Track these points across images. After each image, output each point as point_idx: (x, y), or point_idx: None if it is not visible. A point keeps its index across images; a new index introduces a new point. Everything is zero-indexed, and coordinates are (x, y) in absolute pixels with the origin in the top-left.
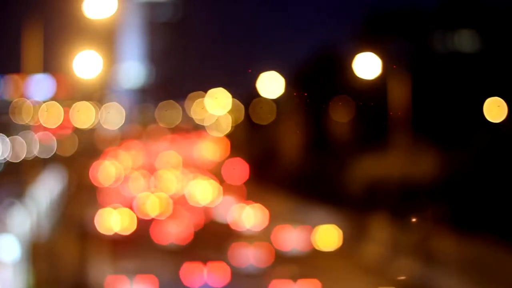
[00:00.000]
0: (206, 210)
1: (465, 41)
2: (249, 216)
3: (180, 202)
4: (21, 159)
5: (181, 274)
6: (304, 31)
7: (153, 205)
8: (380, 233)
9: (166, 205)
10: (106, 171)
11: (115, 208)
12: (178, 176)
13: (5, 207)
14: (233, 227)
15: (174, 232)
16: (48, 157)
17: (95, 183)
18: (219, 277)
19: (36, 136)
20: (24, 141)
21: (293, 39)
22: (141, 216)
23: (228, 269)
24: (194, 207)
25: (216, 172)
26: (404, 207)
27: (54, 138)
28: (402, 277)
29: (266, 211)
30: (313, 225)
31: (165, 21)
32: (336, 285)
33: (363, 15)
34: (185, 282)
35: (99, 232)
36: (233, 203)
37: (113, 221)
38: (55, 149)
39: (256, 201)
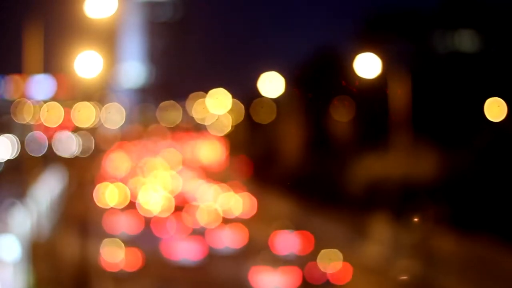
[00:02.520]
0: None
1: (465, 41)
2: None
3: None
4: (21, 158)
5: (152, 223)
6: (304, 31)
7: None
8: (382, 233)
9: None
10: (107, 168)
11: (112, 182)
12: (172, 173)
13: (5, 207)
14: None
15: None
16: (48, 156)
17: (95, 180)
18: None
19: (37, 136)
20: (24, 141)
21: (293, 39)
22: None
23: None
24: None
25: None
26: (405, 207)
27: (54, 138)
28: (404, 277)
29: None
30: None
31: (165, 21)
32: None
33: (363, 15)
34: (156, 230)
35: (98, 206)
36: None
37: (109, 196)
38: (55, 149)
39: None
